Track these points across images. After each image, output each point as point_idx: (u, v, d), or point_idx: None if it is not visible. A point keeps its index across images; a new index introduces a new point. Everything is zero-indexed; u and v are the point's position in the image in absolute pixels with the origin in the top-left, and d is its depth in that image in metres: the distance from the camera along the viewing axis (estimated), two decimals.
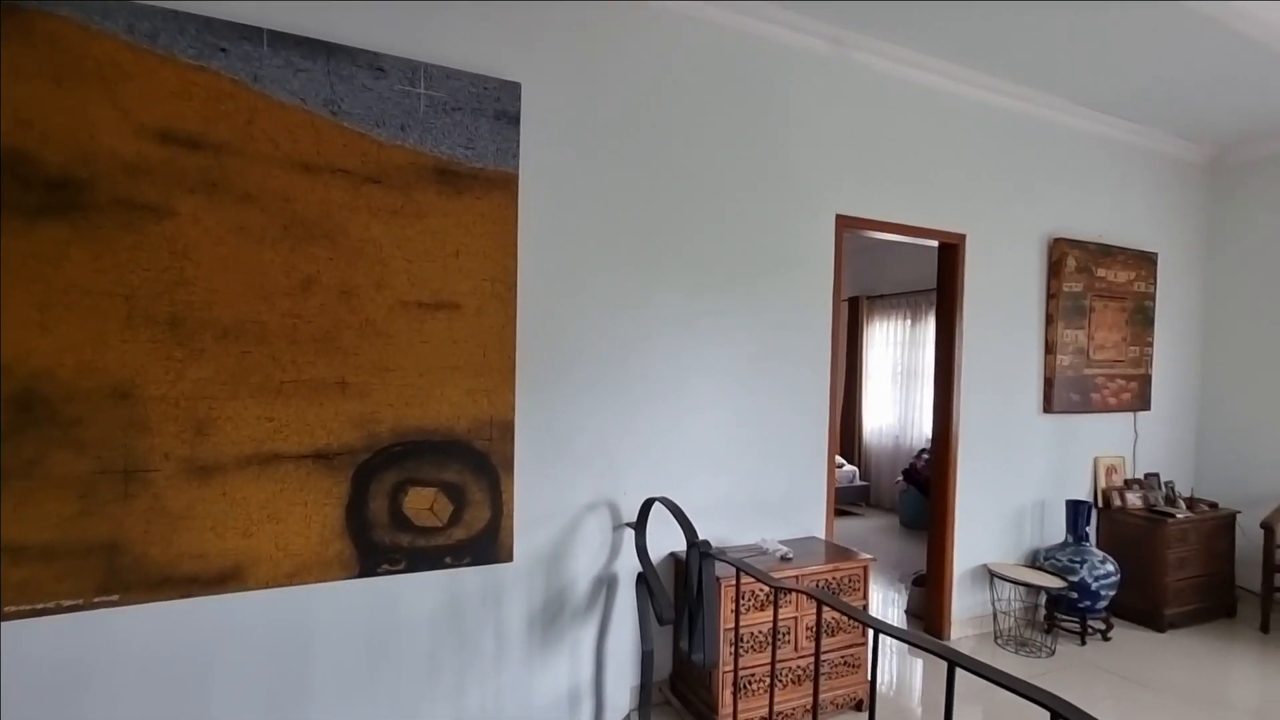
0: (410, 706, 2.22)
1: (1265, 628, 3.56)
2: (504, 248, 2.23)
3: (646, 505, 2.41)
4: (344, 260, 2.01)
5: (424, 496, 2.16)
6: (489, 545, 2.27)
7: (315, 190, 1.97)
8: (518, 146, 2.25)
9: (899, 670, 3.17)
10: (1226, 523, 3.77)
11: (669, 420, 2.65)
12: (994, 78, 3.30)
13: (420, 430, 2.14)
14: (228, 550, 1.91)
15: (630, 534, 2.52)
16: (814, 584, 2.54)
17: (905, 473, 6.03)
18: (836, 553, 2.75)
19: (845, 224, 3.01)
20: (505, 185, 2.22)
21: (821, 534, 3.02)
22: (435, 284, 2.14)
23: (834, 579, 2.59)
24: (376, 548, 2.10)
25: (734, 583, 2.35)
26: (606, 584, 2.56)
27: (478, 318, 2.20)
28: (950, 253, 3.34)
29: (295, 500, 1.98)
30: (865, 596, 2.66)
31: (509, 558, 2.32)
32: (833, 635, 2.60)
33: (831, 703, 2.61)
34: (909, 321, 6.46)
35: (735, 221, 2.78)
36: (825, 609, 2.43)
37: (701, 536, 2.25)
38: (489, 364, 2.22)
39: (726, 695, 2.37)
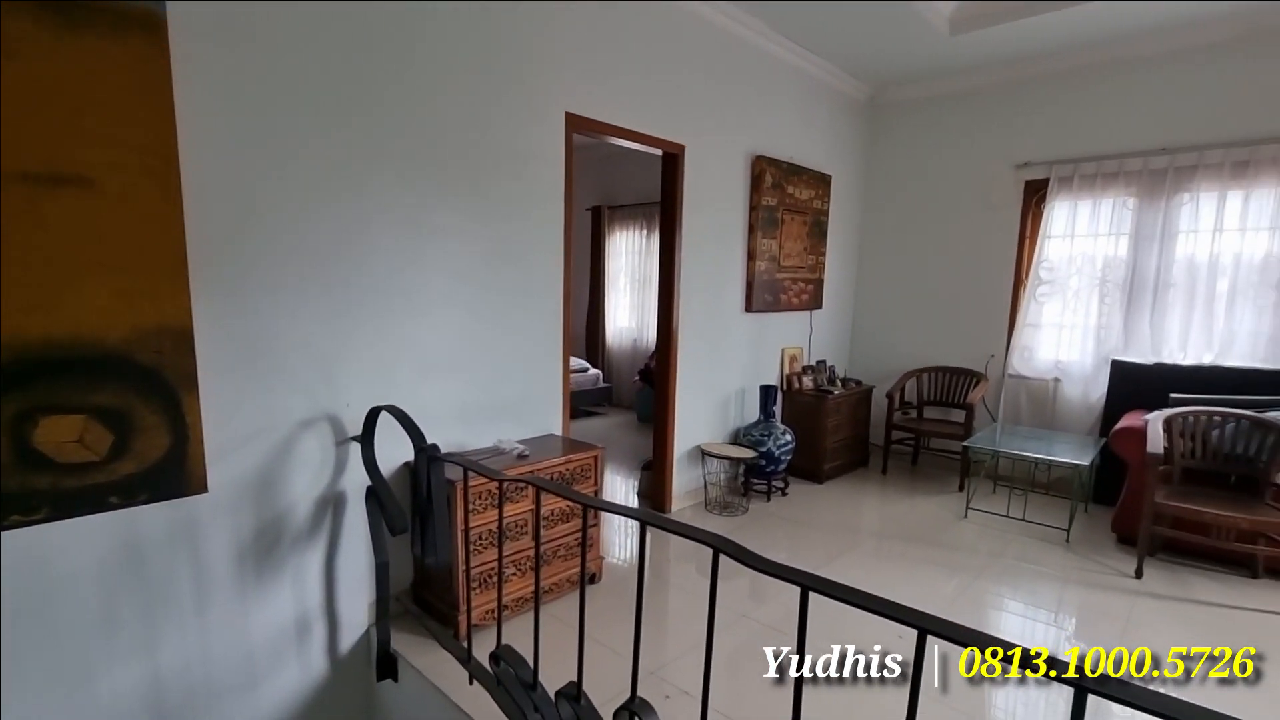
0: (79, 674, 1.86)
1: (885, 471, 4.76)
2: (155, 110, 1.77)
3: (372, 415, 2.26)
4: None
5: (67, 426, 1.73)
6: (173, 477, 1.93)
7: None
8: None
9: (632, 543, 3.58)
10: (867, 395, 4.88)
11: (395, 323, 2.48)
12: None
13: (50, 343, 1.67)
14: None
15: (357, 448, 2.35)
16: (549, 476, 2.68)
17: (641, 373, 6.60)
18: (571, 447, 2.92)
19: (576, 124, 3.00)
20: (148, 26, 1.73)
21: (559, 431, 3.17)
22: (46, 151, 1.62)
23: (568, 470, 2.77)
24: None
25: (475, 483, 2.38)
26: (333, 503, 2.38)
27: (123, 200, 1.73)
28: (672, 163, 3.57)
29: None
30: (597, 483, 2.90)
31: (202, 488, 2.00)
32: (567, 521, 2.81)
33: (569, 580, 2.85)
34: (645, 231, 6.88)
35: (461, 110, 2.59)
36: (559, 499, 2.61)
37: (438, 442, 2.19)
38: (147, 258, 1.79)
39: (466, 592, 2.44)
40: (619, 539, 3.62)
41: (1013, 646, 0.82)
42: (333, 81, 2.21)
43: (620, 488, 4.56)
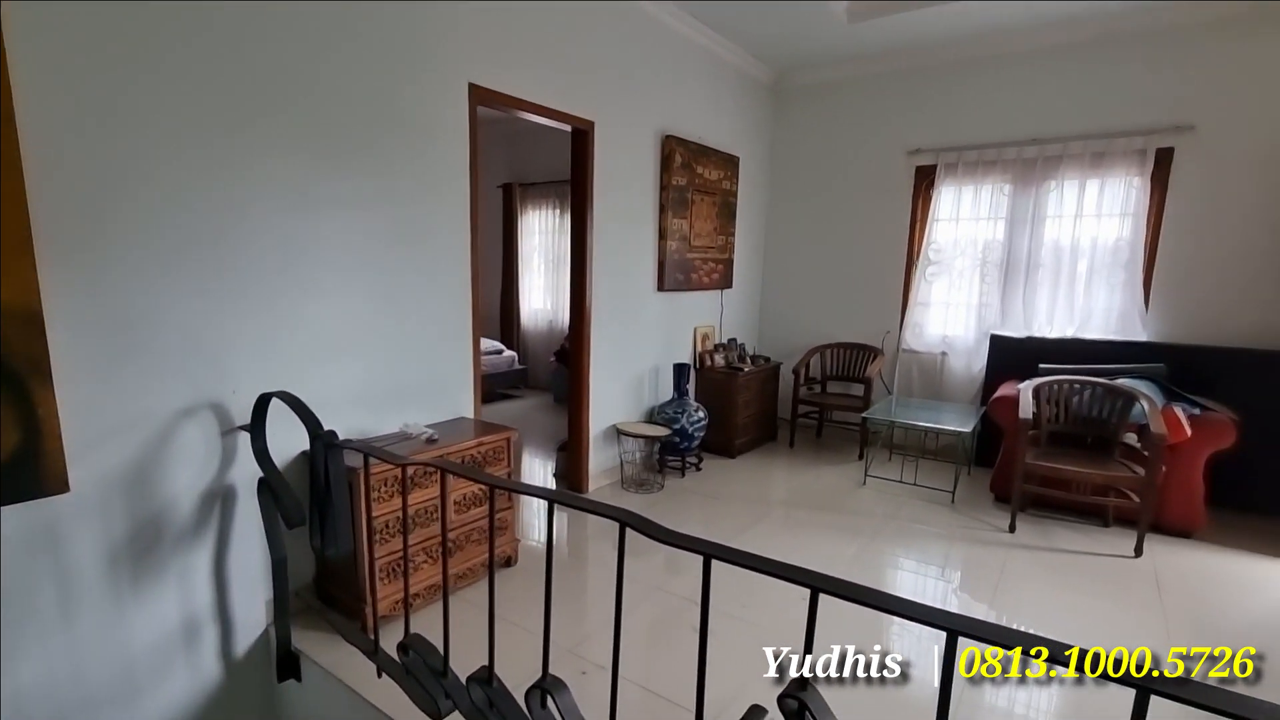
0: None
1: (792, 444, 4.98)
2: None
3: (262, 402, 2.11)
4: None
5: None
6: (25, 476, 1.73)
7: None
8: None
9: (537, 520, 3.57)
10: (775, 372, 5.07)
11: (287, 302, 2.32)
12: None
13: None
14: None
15: (247, 438, 2.20)
16: (461, 460, 2.61)
17: (557, 353, 6.54)
18: (484, 429, 2.86)
19: (480, 96, 2.89)
20: None
21: (471, 414, 3.10)
22: None
23: (480, 453, 2.71)
24: None
25: (380, 470, 2.29)
26: (221, 497, 2.22)
27: None
28: (582, 139, 3.52)
29: None
30: (510, 465, 2.86)
31: (63, 487, 1.81)
32: (480, 505, 2.76)
33: (484, 565, 2.81)
34: (558, 210, 6.77)
35: (354, 78, 2.44)
36: (471, 483, 2.56)
37: (340, 428, 2.08)
38: None
39: (371, 583, 2.35)
40: (538, 521, 3.60)
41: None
42: (197, 41, 2.01)
43: (539, 470, 4.53)
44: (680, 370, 4.28)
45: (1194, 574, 2.99)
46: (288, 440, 2.32)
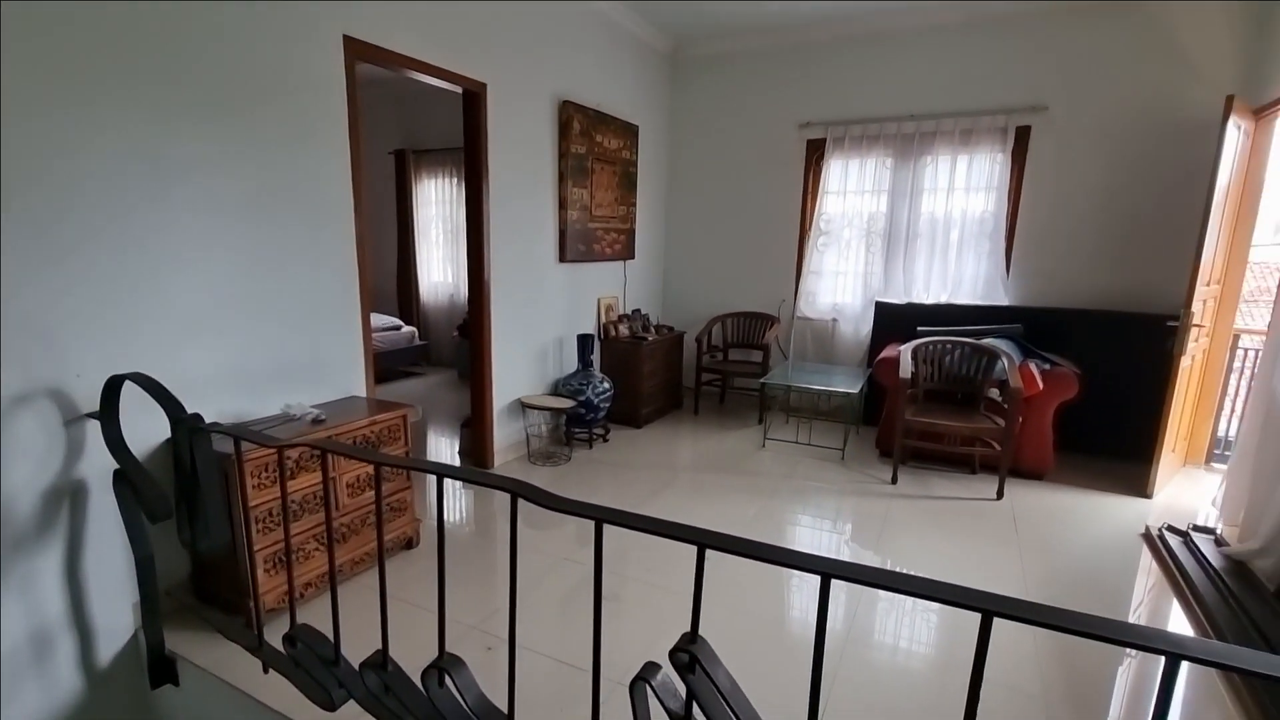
0: None
1: (696, 411, 5.12)
2: None
3: (112, 386, 1.90)
4: None
5: None
6: None
7: None
8: None
9: (458, 504, 3.48)
10: (678, 341, 5.16)
11: (139, 278, 2.09)
12: None
13: None
14: None
15: (97, 426, 1.97)
16: (352, 440, 2.49)
17: (460, 328, 6.33)
18: (377, 408, 2.73)
19: (358, 50, 2.69)
20: None
21: (363, 392, 2.94)
22: None
23: (373, 433, 2.59)
24: None
25: (258, 455, 2.13)
26: (70, 494, 1.99)
27: None
28: (474, 102, 3.37)
29: None
30: (407, 444, 2.75)
31: None
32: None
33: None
34: (456, 179, 6.49)
35: (213, 28, 2.19)
36: (364, 464, 2.44)
37: (213, 412, 1.91)
38: None
39: (260, 575, 2.21)
40: (446, 502, 3.50)
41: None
42: None
43: (445, 448, 4.41)
44: (584, 341, 4.26)
45: (1044, 511, 3.36)
46: (151, 427, 2.10)
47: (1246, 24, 3.64)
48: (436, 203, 6.79)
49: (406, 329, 6.66)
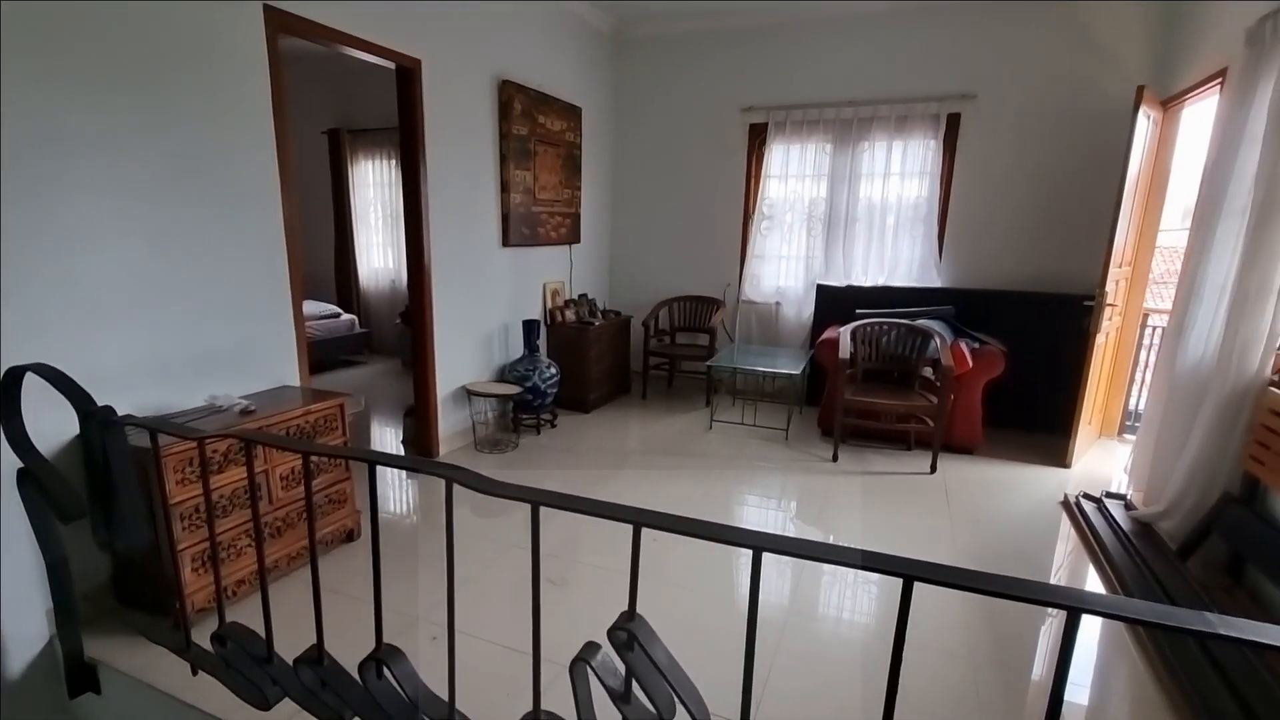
0: None
1: (645, 395, 5.14)
2: None
3: (11, 379, 1.76)
4: None
5: None
6: None
7: None
8: None
9: (403, 494, 3.41)
10: (625, 325, 5.15)
11: (39, 260, 1.94)
12: None
13: None
14: None
15: None
16: (285, 431, 2.40)
17: (402, 315, 6.16)
18: (312, 397, 2.63)
19: (280, 21, 2.55)
20: None
21: (296, 381, 2.83)
22: None
23: (307, 423, 2.50)
24: None
25: (182, 448, 2.03)
26: None
27: None
28: (408, 79, 3.25)
29: None
30: (345, 434, 2.67)
31: None
32: (314, 477, 2.55)
33: (321, 541, 2.63)
34: (394, 160, 6.27)
35: None
36: (297, 456, 2.35)
37: (129, 405, 1.80)
38: None
39: (187, 574, 2.11)
40: (392, 492, 3.44)
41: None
42: None
43: (390, 438, 4.30)
44: (530, 327, 4.21)
45: (974, 483, 3.54)
46: (64, 422, 1.97)
47: (1156, 18, 3.85)
48: (375, 185, 6.56)
49: (346, 317, 6.43)
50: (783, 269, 5.02)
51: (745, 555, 2.73)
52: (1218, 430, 2.51)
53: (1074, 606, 0.80)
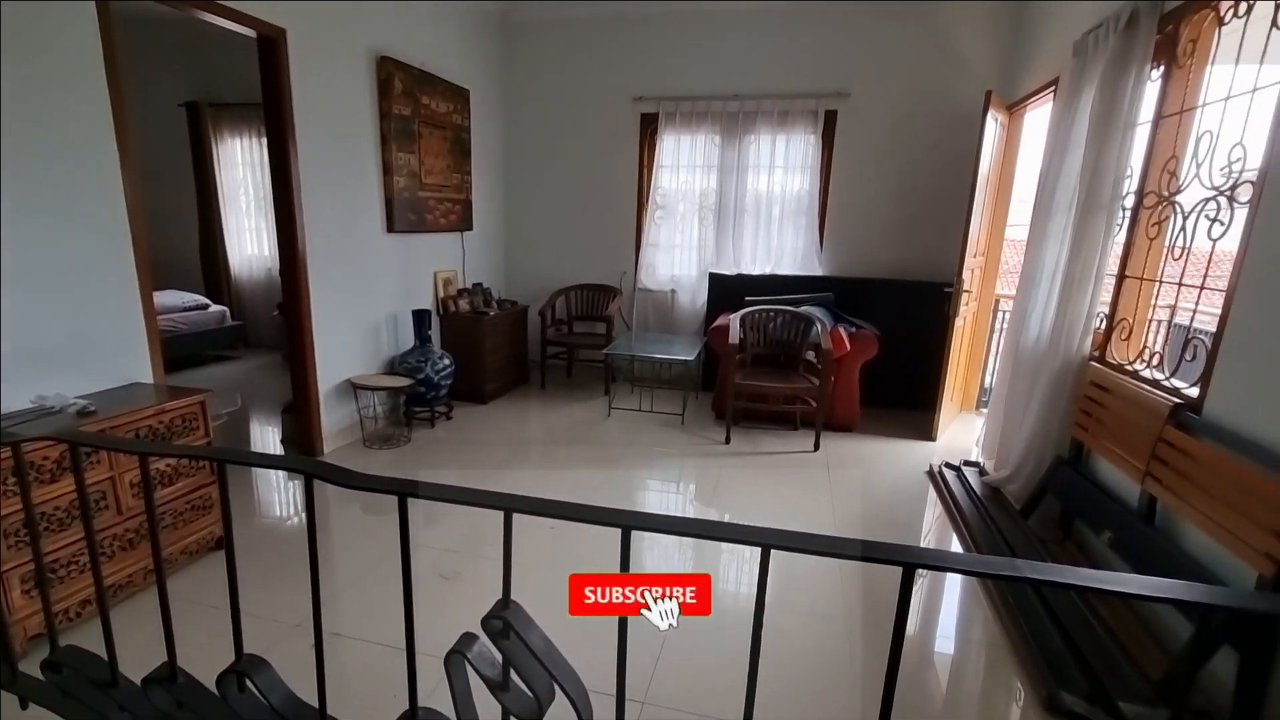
0: None
1: (543, 385, 5.09)
2: None
3: None
4: None
5: None
6: None
7: None
8: None
9: (286, 498, 3.18)
10: (522, 315, 5.08)
11: None
12: None
13: None
14: None
15: None
16: (136, 434, 2.17)
17: (280, 306, 5.72)
18: (167, 395, 2.39)
19: None
20: None
21: (149, 378, 2.57)
22: None
23: (161, 423, 2.27)
24: None
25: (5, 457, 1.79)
26: None
27: None
28: (272, 49, 3.01)
29: None
30: (207, 433, 2.44)
31: None
32: (172, 483, 2.34)
33: (184, 551, 2.41)
34: (265, 138, 5.78)
35: None
36: (158, 460, 2.14)
37: None
38: None
39: (15, 598, 1.88)
40: (277, 497, 3.21)
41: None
42: None
43: (270, 437, 4.01)
44: (421, 317, 4.05)
45: (853, 458, 3.79)
46: None
47: (1004, 26, 4.25)
48: (245, 165, 6.05)
49: (216, 308, 5.92)
50: (677, 258, 5.12)
51: (647, 539, 2.75)
52: (1050, 401, 2.84)
53: (907, 562, 0.88)
